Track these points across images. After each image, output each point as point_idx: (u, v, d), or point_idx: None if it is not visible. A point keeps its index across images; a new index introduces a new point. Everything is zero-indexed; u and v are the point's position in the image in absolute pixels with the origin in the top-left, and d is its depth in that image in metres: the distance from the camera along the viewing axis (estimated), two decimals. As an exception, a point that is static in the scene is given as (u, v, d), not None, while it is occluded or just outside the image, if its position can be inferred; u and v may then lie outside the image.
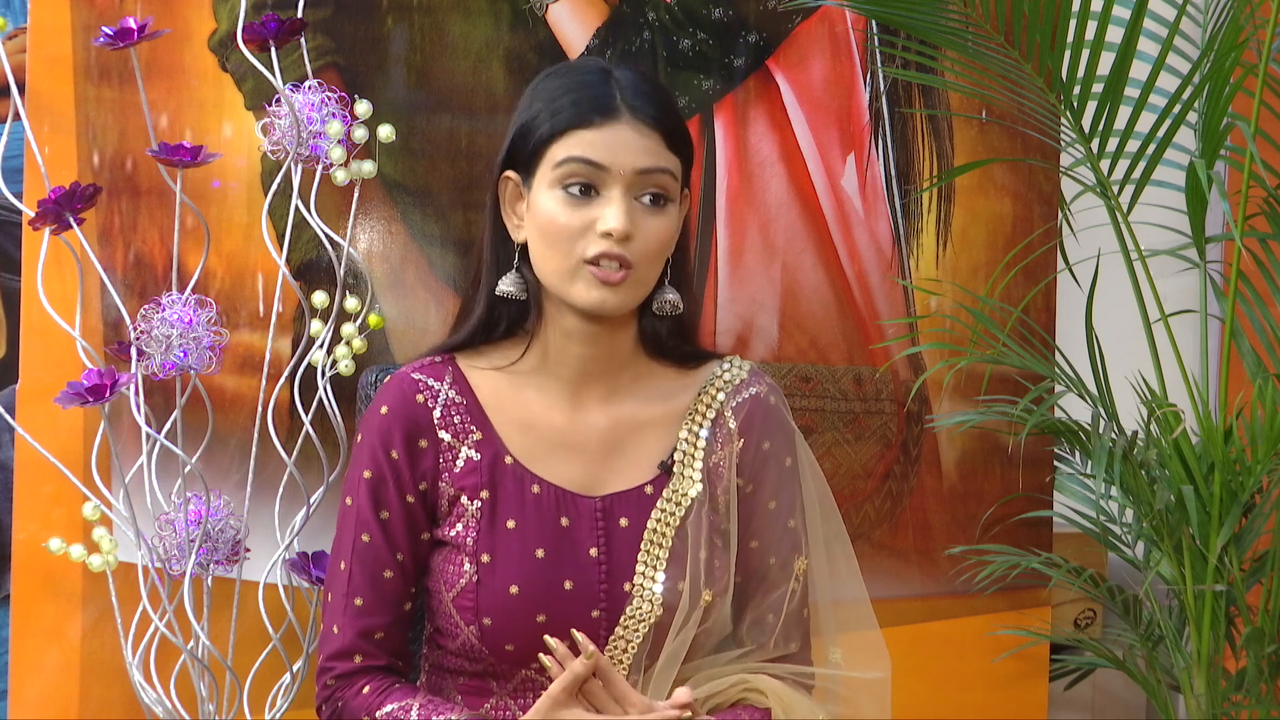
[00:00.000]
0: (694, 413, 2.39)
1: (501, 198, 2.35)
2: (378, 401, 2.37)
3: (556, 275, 2.30)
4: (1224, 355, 3.04)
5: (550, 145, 2.29)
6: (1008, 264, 3.19)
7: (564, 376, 2.37)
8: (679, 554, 2.34)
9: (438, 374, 2.38)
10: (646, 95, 2.31)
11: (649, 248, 2.30)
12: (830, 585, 2.44)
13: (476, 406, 2.36)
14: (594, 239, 2.28)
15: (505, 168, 2.35)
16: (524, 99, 2.36)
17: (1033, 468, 3.21)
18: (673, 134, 2.32)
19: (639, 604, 2.32)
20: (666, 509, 2.35)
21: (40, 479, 2.94)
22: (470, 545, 2.32)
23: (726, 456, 2.37)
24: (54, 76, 2.96)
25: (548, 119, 2.30)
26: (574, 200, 2.28)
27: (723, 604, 2.35)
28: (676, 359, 2.42)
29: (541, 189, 2.30)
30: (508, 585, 2.31)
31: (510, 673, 2.34)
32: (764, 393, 2.41)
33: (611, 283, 2.28)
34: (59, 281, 2.92)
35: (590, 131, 2.28)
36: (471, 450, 2.35)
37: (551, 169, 2.29)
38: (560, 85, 2.32)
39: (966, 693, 3.23)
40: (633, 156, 2.28)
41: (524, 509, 2.33)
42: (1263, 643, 2.97)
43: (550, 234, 2.29)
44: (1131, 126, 3.03)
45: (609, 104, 2.29)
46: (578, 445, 2.36)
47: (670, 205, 2.32)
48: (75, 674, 2.98)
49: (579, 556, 2.33)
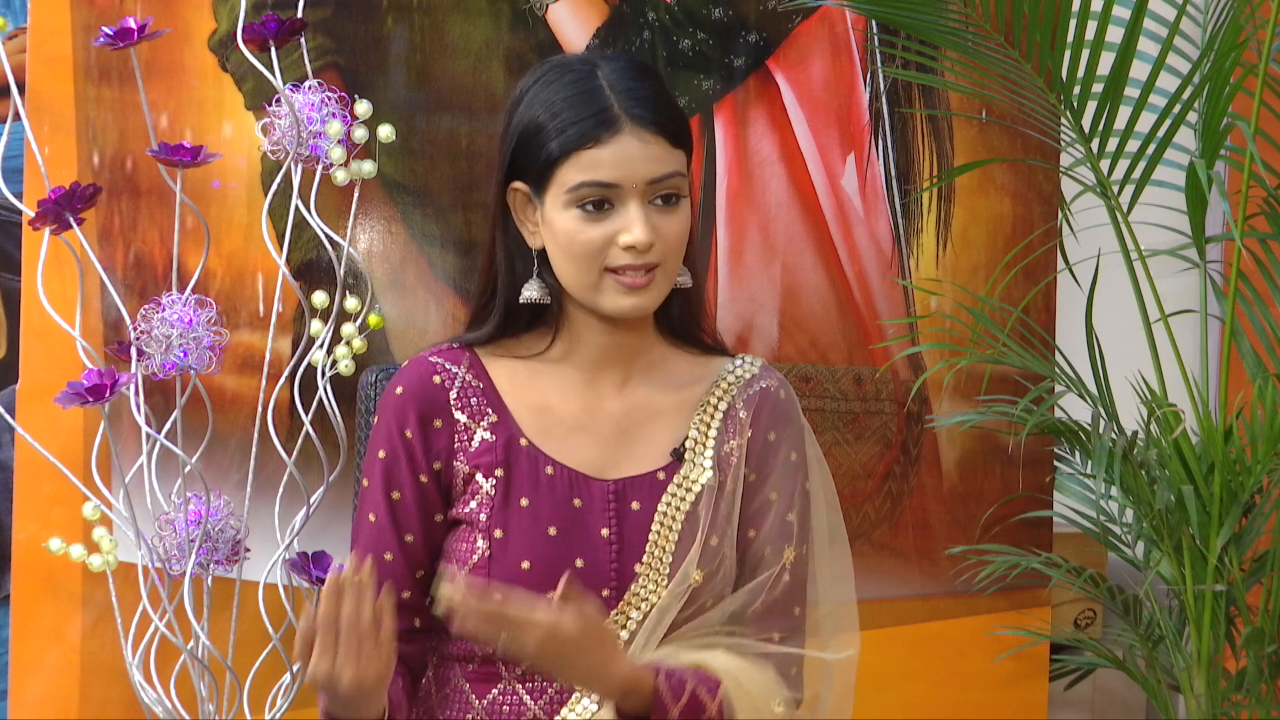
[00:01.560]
0: (706, 403, 2.41)
1: (512, 206, 2.36)
2: (394, 383, 2.39)
3: (582, 288, 2.33)
4: (1224, 355, 3.04)
5: (558, 167, 2.30)
6: (1008, 264, 3.19)
7: (582, 363, 2.39)
8: (687, 539, 2.35)
9: (455, 359, 2.39)
10: (640, 95, 2.31)
11: (670, 246, 2.32)
12: (832, 586, 2.44)
13: (492, 390, 2.38)
14: (616, 251, 2.30)
15: (510, 177, 2.35)
16: (516, 104, 2.35)
17: (1033, 468, 3.21)
18: (675, 133, 2.32)
19: (644, 583, 2.34)
20: (677, 494, 2.37)
21: (40, 479, 2.94)
22: (483, 521, 2.34)
23: (736, 447, 2.39)
24: (54, 76, 2.96)
25: (552, 137, 2.30)
26: (591, 216, 2.30)
27: (713, 589, 2.35)
28: (691, 343, 2.43)
29: (556, 208, 2.31)
30: (519, 560, 2.32)
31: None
32: (774, 387, 2.43)
33: (639, 287, 2.31)
34: (59, 281, 2.92)
35: (597, 150, 2.29)
36: (486, 432, 2.36)
37: (565, 192, 2.30)
38: (556, 96, 2.32)
39: (966, 693, 3.24)
40: (643, 168, 2.29)
41: (537, 488, 2.35)
42: (1263, 643, 2.97)
43: (573, 251, 2.31)
44: (1131, 126, 3.03)
45: (608, 116, 2.29)
46: (592, 429, 2.38)
47: (683, 200, 2.33)
48: (75, 674, 2.98)
49: (591, 536, 2.34)
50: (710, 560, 2.35)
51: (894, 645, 3.17)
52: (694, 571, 2.34)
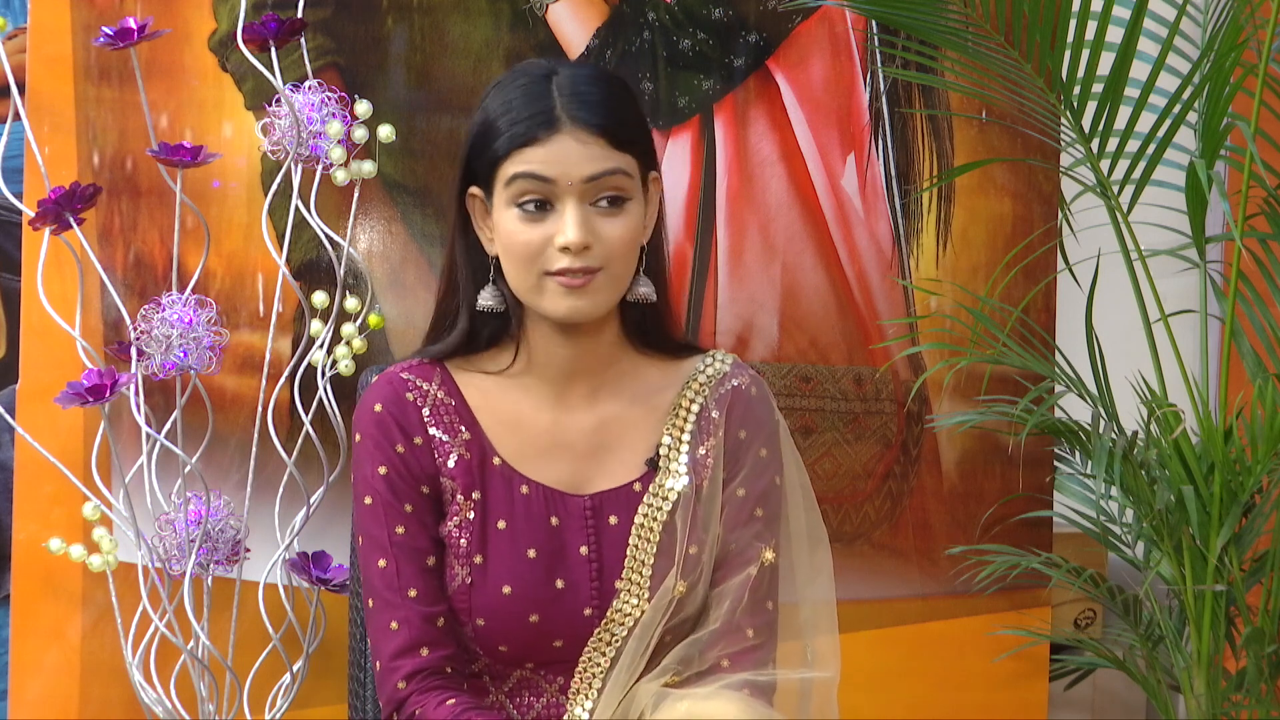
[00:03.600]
0: (678, 408, 2.39)
1: (471, 213, 2.35)
2: (370, 399, 2.37)
3: (525, 290, 2.31)
4: (1224, 355, 3.04)
5: (501, 164, 2.30)
6: (1008, 264, 3.19)
7: (549, 377, 2.37)
8: (666, 549, 2.34)
9: (426, 375, 2.38)
10: (586, 99, 2.30)
11: (613, 249, 2.30)
12: (811, 584, 2.43)
13: (465, 407, 2.36)
14: (554, 254, 2.28)
15: (466, 182, 2.35)
16: (477, 111, 2.36)
17: (1033, 468, 3.21)
18: (617, 134, 2.30)
19: (625, 598, 2.32)
20: (653, 504, 2.35)
21: (40, 479, 2.94)
22: (463, 547, 2.32)
23: (710, 448, 2.37)
24: (54, 76, 2.96)
25: (495, 136, 2.30)
26: (530, 216, 2.29)
27: (697, 599, 2.34)
28: (661, 350, 2.42)
29: (500, 208, 2.31)
30: (500, 586, 2.31)
31: (505, 673, 2.34)
32: (745, 384, 2.41)
33: (577, 287, 2.28)
34: (59, 281, 2.92)
35: (535, 148, 2.28)
36: (462, 449, 2.35)
37: (504, 187, 2.29)
38: (505, 100, 2.31)
39: (966, 693, 3.24)
40: (578, 166, 2.28)
41: (514, 509, 2.34)
42: (1263, 643, 2.97)
43: (513, 252, 2.30)
44: (1131, 126, 3.03)
45: (548, 116, 2.29)
46: (565, 444, 2.37)
47: (630, 203, 2.31)
48: (75, 674, 2.98)
49: (569, 556, 2.33)
50: (691, 569, 2.33)
51: (894, 645, 3.17)
52: (677, 583, 2.33)
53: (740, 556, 2.35)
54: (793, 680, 2.38)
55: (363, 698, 2.60)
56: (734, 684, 2.29)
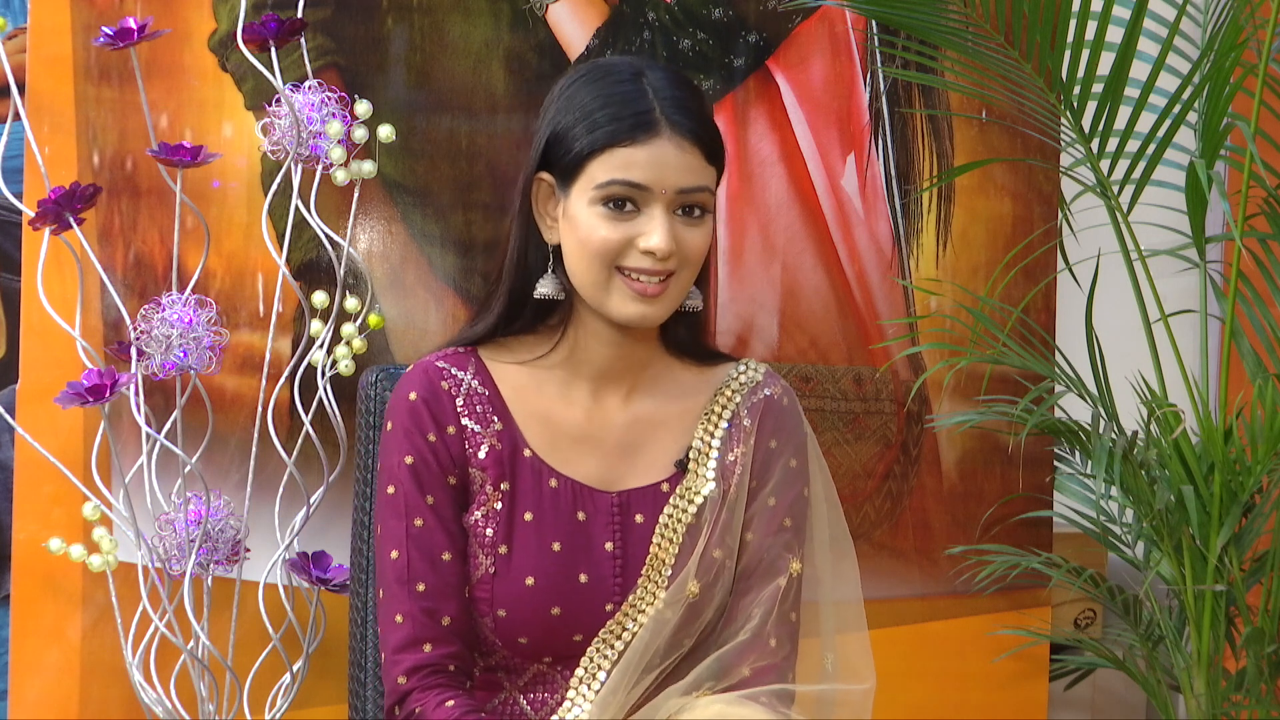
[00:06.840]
0: (710, 412, 2.41)
1: (534, 198, 2.36)
2: (404, 388, 2.37)
3: (590, 285, 2.31)
4: (1224, 355, 3.04)
5: (590, 161, 2.29)
6: (1008, 264, 3.19)
7: (587, 374, 2.38)
8: (688, 550, 2.35)
9: (461, 363, 2.39)
10: (684, 106, 2.30)
11: (689, 258, 2.32)
12: (833, 586, 2.44)
13: (498, 398, 2.38)
14: (635, 253, 2.29)
15: (539, 168, 2.35)
16: (555, 101, 2.34)
17: (1033, 468, 3.21)
18: (712, 147, 2.32)
19: (641, 594, 2.33)
20: (679, 505, 2.37)
21: (40, 479, 2.94)
22: (489, 537, 2.33)
23: (741, 455, 2.39)
24: (54, 76, 2.96)
25: (586, 133, 2.29)
26: (614, 215, 2.29)
27: (713, 601, 2.34)
28: (695, 356, 2.43)
29: (581, 203, 2.30)
30: (524, 577, 2.32)
31: (522, 666, 2.35)
32: (778, 395, 2.43)
33: (650, 295, 2.30)
34: (59, 281, 2.92)
35: (631, 149, 2.28)
36: (494, 440, 2.36)
37: (593, 187, 2.29)
38: (596, 96, 2.31)
39: (966, 693, 3.24)
40: (675, 176, 2.29)
41: (541, 502, 2.35)
42: (1263, 643, 2.97)
43: (590, 247, 2.30)
44: (1131, 126, 3.03)
45: (648, 119, 2.28)
46: (596, 441, 2.38)
47: (707, 216, 2.33)
48: (75, 674, 2.98)
49: (594, 550, 2.34)
50: (708, 571, 2.34)
51: (894, 645, 3.17)
52: (691, 582, 2.34)
53: (771, 567, 2.37)
54: (812, 691, 2.39)
55: (363, 698, 2.60)
56: (760, 694, 2.31)
